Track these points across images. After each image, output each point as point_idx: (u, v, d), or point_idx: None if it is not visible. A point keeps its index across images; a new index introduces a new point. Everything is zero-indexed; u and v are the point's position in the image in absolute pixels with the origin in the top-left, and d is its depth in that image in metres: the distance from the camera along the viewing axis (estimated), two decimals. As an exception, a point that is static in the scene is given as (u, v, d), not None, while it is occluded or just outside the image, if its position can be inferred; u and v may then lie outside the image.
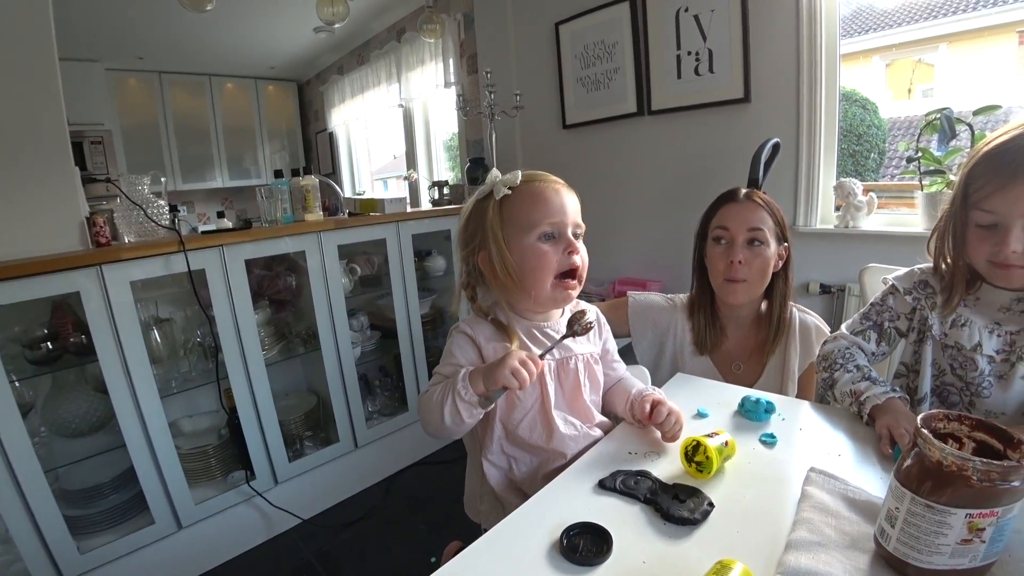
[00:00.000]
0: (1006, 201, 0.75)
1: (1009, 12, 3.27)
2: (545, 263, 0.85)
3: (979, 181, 0.79)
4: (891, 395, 0.85)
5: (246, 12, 3.61)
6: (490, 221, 0.85)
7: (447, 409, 0.79)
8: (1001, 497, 0.51)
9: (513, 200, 0.85)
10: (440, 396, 0.80)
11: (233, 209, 5.36)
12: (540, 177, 0.89)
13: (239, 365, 1.79)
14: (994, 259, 0.79)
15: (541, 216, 0.84)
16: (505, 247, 0.85)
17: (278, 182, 2.03)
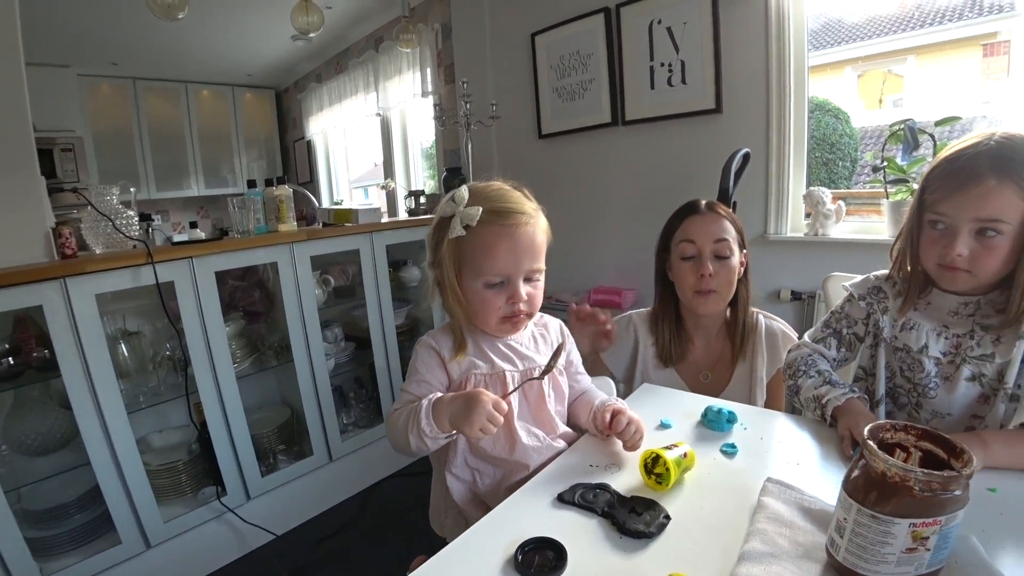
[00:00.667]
0: (955, 206, 0.79)
1: (973, 26, 3.41)
2: (489, 308, 0.86)
3: (933, 185, 0.82)
4: (850, 396, 0.87)
5: (222, 19, 3.59)
6: (443, 254, 0.85)
7: (412, 438, 0.79)
8: (944, 506, 0.52)
9: (468, 240, 0.83)
10: (404, 423, 0.81)
11: (209, 218, 5.29)
12: (500, 218, 0.83)
13: (209, 378, 1.76)
14: (942, 262, 0.82)
15: (489, 267, 0.83)
16: (456, 283, 0.85)
17: (251, 192, 2.01)
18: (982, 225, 0.78)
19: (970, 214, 0.78)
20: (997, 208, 0.76)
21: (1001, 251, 0.78)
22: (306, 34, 2.71)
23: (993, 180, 0.75)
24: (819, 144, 2.63)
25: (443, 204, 0.86)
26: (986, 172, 0.76)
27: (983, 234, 0.78)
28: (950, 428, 0.92)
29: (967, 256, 0.79)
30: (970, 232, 0.79)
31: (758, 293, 2.18)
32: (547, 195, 0.94)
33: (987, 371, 0.86)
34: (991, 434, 0.78)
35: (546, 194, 0.94)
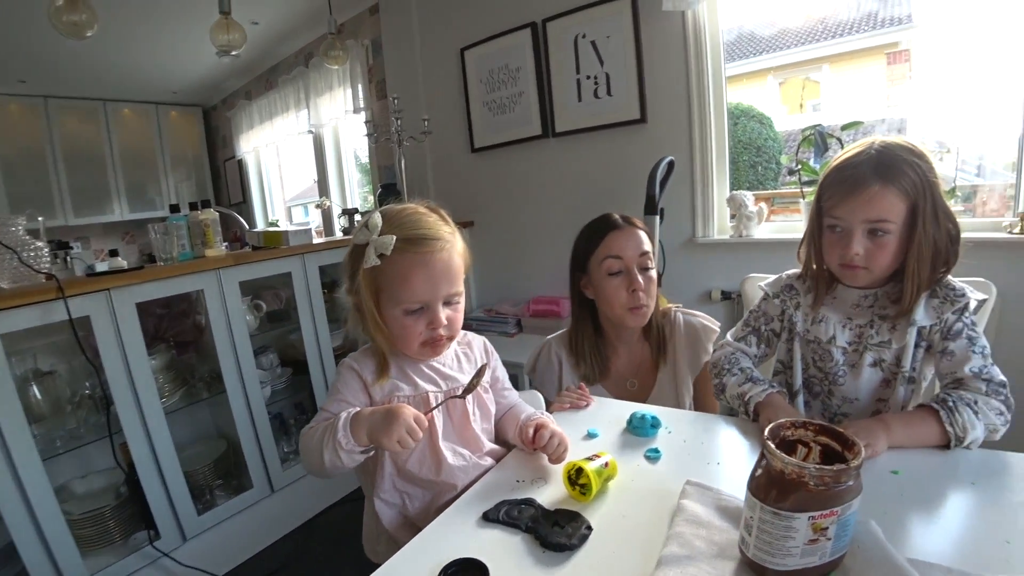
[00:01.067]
0: (848, 210, 0.87)
1: (877, 36, 3.70)
2: (409, 334, 0.86)
3: (828, 192, 0.91)
4: (770, 391, 0.93)
5: (142, 35, 3.42)
6: (359, 283, 0.84)
7: (327, 454, 0.78)
8: (838, 497, 0.55)
9: (383, 269, 0.83)
10: (320, 438, 0.79)
11: (135, 244, 5.01)
12: (416, 245, 0.83)
13: (135, 416, 1.67)
14: (842, 261, 0.90)
15: (407, 296, 0.84)
16: (376, 310, 0.85)
17: (174, 217, 1.93)
18: (872, 226, 0.86)
19: (861, 216, 0.86)
20: (883, 209, 0.85)
21: (890, 247, 0.87)
22: (228, 52, 2.62)
23: (877, 185, 0.84)
24: (746, 148, 2.77)
25: (357, 231, 0.86)
26: (871, 178, 0.84)
27: (874, 234, 0.87)
28: (859, 412, 1.00)
29: (863, 254, 0.88)
30: (863, 232, 0.87)
31: (690, 295, 2.27)
32: (483, 208, 0.96)
33: (886, 356, 0.94)
34: (892, 417, 0.85)
35: (481, 207, 0.96)
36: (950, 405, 0.81)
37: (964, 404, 0.81)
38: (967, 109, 2.32)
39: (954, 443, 0.79)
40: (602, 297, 1.22)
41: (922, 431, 0.81)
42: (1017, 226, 1.73)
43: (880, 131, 2.88)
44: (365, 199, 3.91)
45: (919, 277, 0.88)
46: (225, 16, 2.38)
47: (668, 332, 1.27)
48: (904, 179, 0.84)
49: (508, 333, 2.63)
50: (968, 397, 0.82)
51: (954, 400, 0.82)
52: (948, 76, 2.54)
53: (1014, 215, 1.76)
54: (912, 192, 0.84)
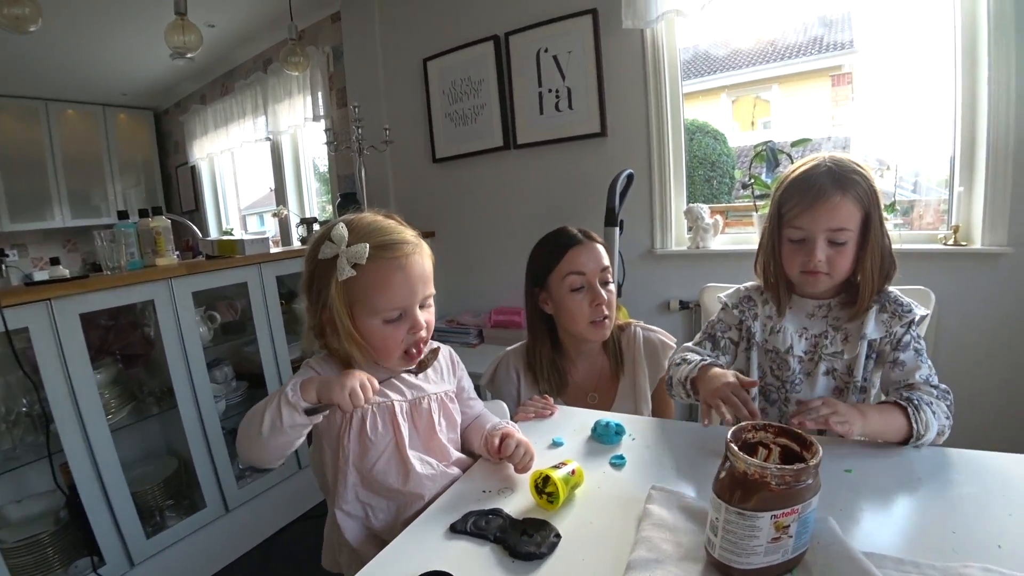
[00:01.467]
0: (812, 219, 0.92)
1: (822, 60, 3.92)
2: (391, 344, 0.84)
3: (789, 203, 0.95)
4: (703, 363, 0.96)
5: (91, 33, 3.26)
6: (333, 298, 0.81)
7: (268, 414, 0.74)
8: (799, 496, 0.58)
9: (358, 279, 0.80)
10: (264, 403, 0.77)
11: (78, 252, 4.76)
12: (388, 251, 0.82)
13: (77, 434, 1.57)
14: (804, 268, 0.95)
15: (387, 303, 0.82)
16: (351, 325, 0.82)
17: (123, 224, 1.85)
18: (832, 234, 0.92)
19: (823, 225, 0.92)
20: (843, 218, 0.91)
21: (850, 253, 0.93)
22: (184, 54, 2.55)
23: (837, 195, 0.90)
24: (701, 163, 2.86)
25: (320, 247, 0.82)
26: (832, 189, 0.90)
27: (835, 241, 0.92)
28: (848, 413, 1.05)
29: (825, 261, 0.93)
30: (824, 240, 0.93)
31: (649, 305, 2.32)
32: (444, 219, 0.96)
33: (838, 366, 1.00)
34: (867, 406, 0.89)
35: (443, 218, 0.96)
36: (915, 403, 0.85)
37: (925, 404, 0.85)
38: (905, 128, 2.47)
39: (914, 439, 0.83)
40: (565, 312, 1.21)
41: (892, 423, 0.85)
42: (951, 238, 1.85)
43: (826, 148, 3.04)
44: (324, 208, 3.84)
45: (872, 282, 0.94)
46: (181, 17, 2.31)
47: (626, 345, 1.28)
48: (858, 188, 0.90)
49: (470, 343, 2.63)
50: (926, 398, 0.87)
51: (917, 399, 0.86)
52: (887, 97, 2.70)
53: (948, 228, 1.88)
54: (865, 201, 0.91)
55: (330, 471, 0.90)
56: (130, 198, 4.86)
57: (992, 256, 1.76)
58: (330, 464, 0.90)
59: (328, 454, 0.90)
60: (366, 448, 0.87)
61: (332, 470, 0.89)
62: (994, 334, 1.80)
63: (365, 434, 0.86)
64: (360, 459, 0.87)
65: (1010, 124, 1.69)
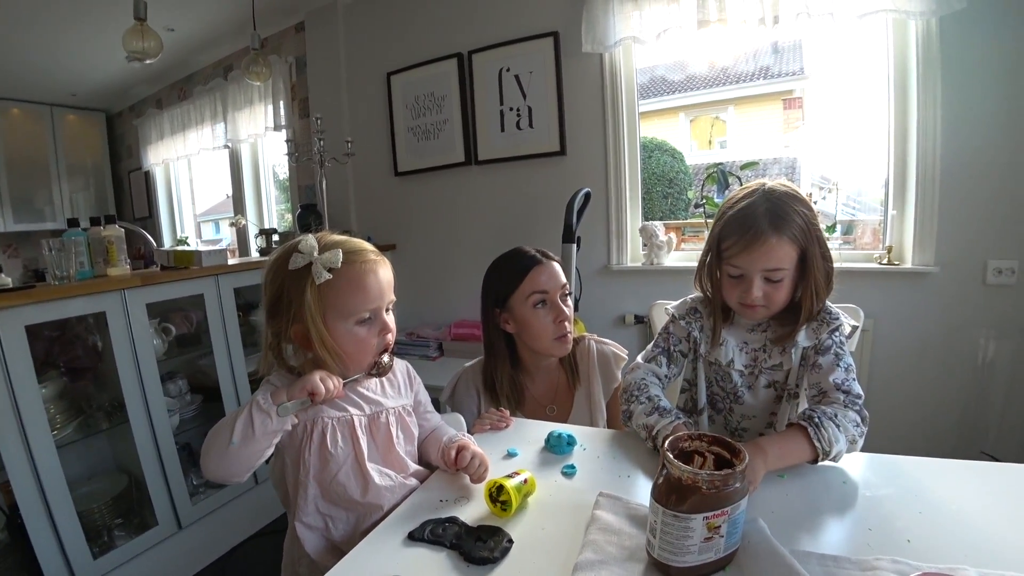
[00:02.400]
0: (749, 260, 0.95)
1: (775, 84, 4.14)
2: (364, 347, 0.88)
3: (727, 242, 0.98)
4: (676, 422, 0.97)
5: (41, 31, 3.13)
6: (308, 304, 0.83)
7: (240, 423, 0.76)
8: (728, 498, 0.63)
9: (332, 284, 0.83)
10: (232, 416, 0.79)
11: (19, 258, 4.53)
12: (358, 256, 0.87)
13: (19, 452, 1.50)
14: (742, 301, 0.99)
15: (361, 304, 0.86)
16: (326, 330, 0.85)
17: (72, 232, 1.80)
18: (769, 274, 0.96)
19: (759, 266, 0.95)
20: (778, 259, 0.94)
21: (786, 287, 0.97)
22: (142, 60, 2.49)
23: (773, 238, 0.93)
24: (659, 180, 2.97)
25: (290, 259, 0.85)
26: (767, 231, 0.93)
27: (771, 279, 0.96)
28: (755, 425, 1.11)
29: (762, 296, 0.97)
30: (761, 278, 0.96)
31: (605, 319, 2.39)
32: (405, 232, 0.99)
33: (779, 377, 1.06)
34: (767, 442, 0.87)
35: (404, 231, 0.99)
36: (816, 421, 0.87)
37: (827, 419, 0.87)
38: (848, 151, 2.63)
39: (821, 457, 0.86)
40: (529, 331, 1.24)
41: (794, 450, 0.86)
42: (885, 257, 1.98)
43: (775, 170, 3.20)
44: (283, 217, 3.79)
45: (811, 305, 0.99)
46: (140, 23, 2.26)
47: (581, 358, 1.33)
48: (794, 227, 0.94)
49: (430, 356, 2.64)
50: (829, 412, 0.89)
51: (819, 416, 0.88)
52: (834, 121, 2.87)
53: (883, 248, 2.01)
54: (802, 239, 0.94)
55: (291, 484, 0.91)
56: (78, 202, 4.66)
57: (921, 275, 1.90)
58: (291, 477, 0.91)
59: (289, 467, 0.92)
60: (326, 461, 0.88)
61: (292, 483, 0.90)
62: (922, 348, 1.94)
63: (326, 447, 0.88)
64: (320, 472, 0.89)
65: (936, 153, 1.83)
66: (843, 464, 0.89)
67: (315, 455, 0.88)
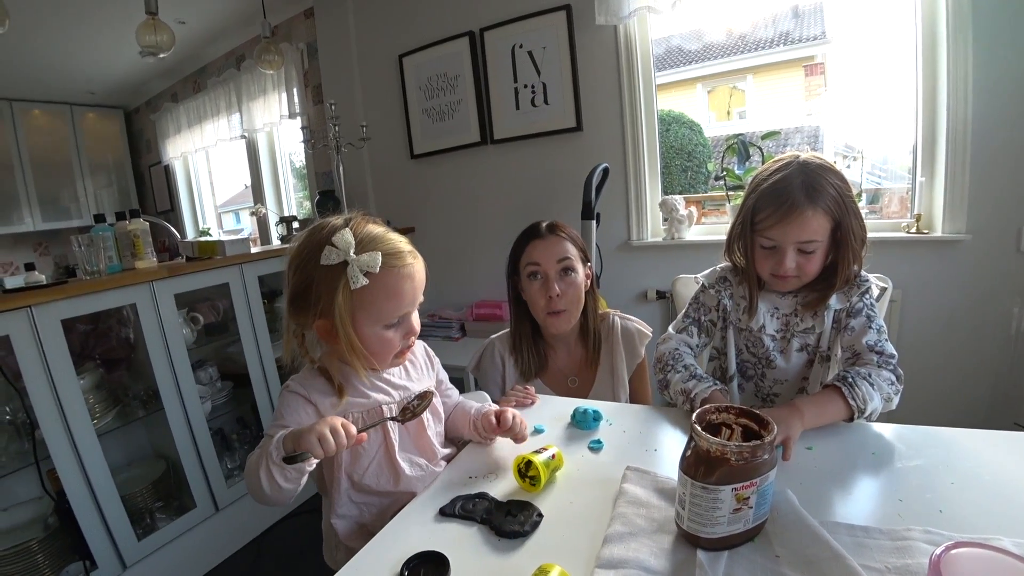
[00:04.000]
0: (783, 232, 0.96)
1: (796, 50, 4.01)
2: (389, 348, 0.86)
3: (762, 214, 0.98)
4: (713, 387, 1.01)
5: (55, 31, 3.17)
6: (339, 305, 0.79)
7: (262, 474, 0.75)
8: (756, 470, 0.63)
9: (367, 289, 0.79)
10: (256, 459, 0.77)
11: (50, 256, 4.66)
12: (397, 260, 0.82)
13: (64, 441, 1.57)
14: (775, 272, 1.00)
15: (393, 311, 0.83)
16: (354, 331, 0.82)
17: (99, 227, 1.84)
18: (802, 245, 0.96)
19: (793, 238, 0.96)
20: (812, 231, 0.95)
21: (818, 258, 0.98)
22: (156, 54, 2.51)
23: (809, 210, 0.93)
24: (678, 153, 2.91)
25: (322, 252, 0.79)
26: (803, 202, 0.93)
27: (804, 250, 0.97)
28: (787, 390, 1.13)
29: (794, 267, 0.98)
30: (794, 250, 0.97)
31: (627, 295, 2.38)
32: (423, 214, 0.98)
33: (810, 341, 1.07)
34: (803, 402, 0.91)
35: (422, 213, 0.98)
36: (850, 381, 0.91)
37: (861, 378, 0.91)
38: (873, 117, 2.55)
39: (856, 415, 0.90)
40: (529, 301, 1.29)
41: (830, 409, 0.90)
42: (913, 226, 1.93)
43: (797, 140, 3.11)
44: (301, 204, 3.83)
45: (847, 275, 1.00)
46: (152, 17, 2.28)
47: (605, 334, 1.33)
48: (828, 199, 0.94)
49: (452, 337, 2.66)
50: (863, 372, 0.93)
51: (852, 376, 0.92)
52: (858, 86, 2.77)
53: (911, 216, 1.96)
54: (836, 210, 0.94)
55: (326, 475, 0.93)
56: (102, 199, 4.76)
57: (951, 243, 1.85)
58: (325, 469, 0.93)
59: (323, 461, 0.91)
60: (357, 455, 0.90)
61: (328, 476, 0.92)
62: (952, 318, 1.89)
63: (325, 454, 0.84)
64: (351, 465, 0.90)
65: (968, 117, 1.76)
66: (872, 434, 0.88)
67: (345, 450, 0.84)
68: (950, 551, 0.50)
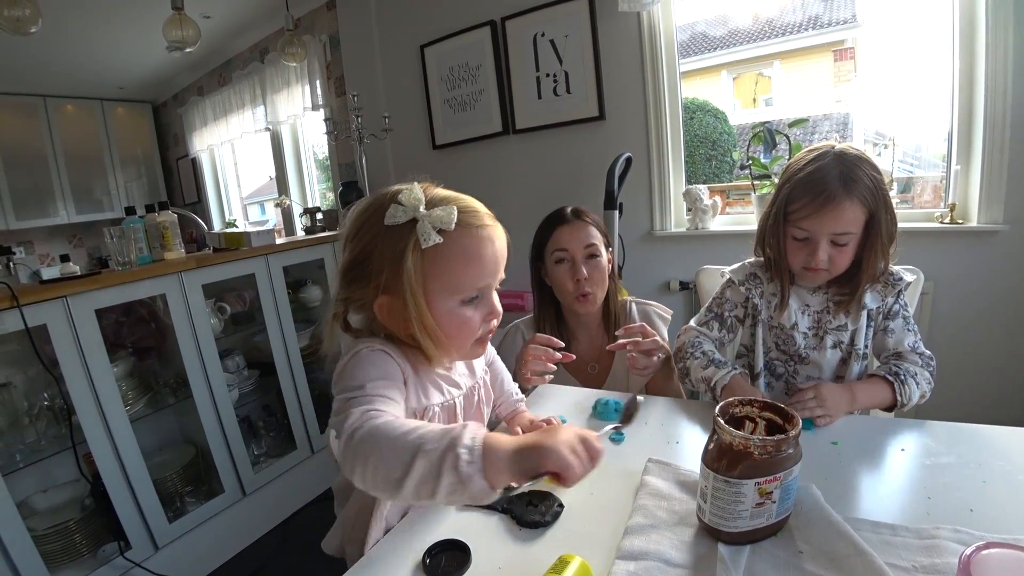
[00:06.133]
0: (819, 223, 0.94)
1: (825, 35, 3.89)
2: (468, 331, 0.73)
3: (795, 204, 0.97)
4: (734, 373, 1.01)
5: (86, 29, 3.26)
6: (408, 272, 0.66)
7: (418, 472, 0.52)
8: (780, 464, 0.62)
9: (441, 251, 0.67)
10: (413, 446, 0.53)
11: (84, 247, 4.81)
12: (475, 218, 0.71)
13: (99, 426, 1.63)
14: (806, 265, 0.98)
15: (473, 279, 0.70)
16: (427, 307, 0.69)
17: (130, 220, 1.89)
18: (836, 237, 0.94)
19: (828, 229, 0.94)
20: (847, 222, 0.93)
21: (850, 252, 0.96)
22: (182, 48, 2.56)
23: (846, 201, 0.91)
24: (702, 142, 2.87)
25: (384, 211, 0.69)
26: (839, 193, 0.91)
27: (837, 242, 0.95)
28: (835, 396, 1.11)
29: (826, 259, 0.96)
30: (827, 242, 0.95)
31: (650, 286, 2.35)
32: (443, 206, 0.95)
33: (844, 338, 1.05)
34: (855, 385, 0.98)
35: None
36: (901, 377, 0.96)
37: (910, 376, 0.96)
38: (905, 103, 2.47)
39: (899, 407, 0.95)
40: (555, 285, 1.31)
41: (879, 396, 0.96)
42: (947, 216, 1.87)
43: (825, 126, 3.03)
44: (324, 196, 3.87)
45: (872, 271, 0.98)
46: (178, 12, 2.32)
47: (623, 320, 1.34)
48: (864, 190, 0.92)
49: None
50: (911, 370, 0.97)
51: (903, 373, 0.97)
52: (889, 71, 2.69)
53: (944, 206, 1.89)
54: (871, 202, 0.92)
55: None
56: (132, 192, 4.88)
57: (988, 234, 1.78)
58: None
59: None
60: None
61: None
62: (989, 312, 1.83)
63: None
64: None
65: (1007, 102, 1.69)
66: (901, 430, 0.87)
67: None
68: (981, 551, 0.49)
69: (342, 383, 0.67)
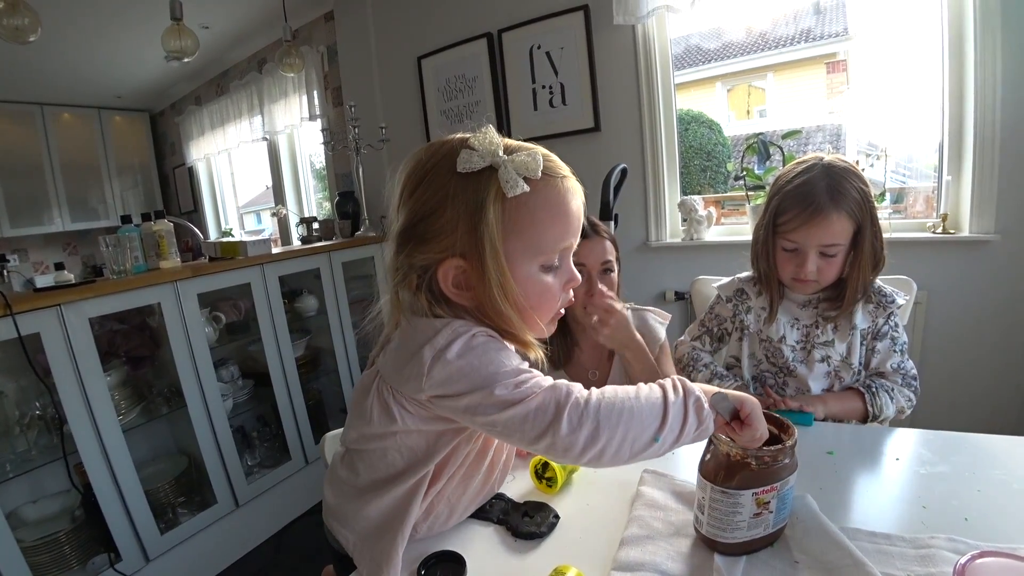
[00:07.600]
0: (807, 234, 0.96)
1: (817, 48, 3.94)
2: (549, 301, 0.64)
3: (784, 216, 0.99)
4: (736, 384, 1.07)
5: (83, 37, 3.27)
6: (489, 226, 0.57)
7: (672, 423, 0.57)
8: (777, 474, 0.63)
9: (524, 204, 0.58)
10: (657, 400, 0.58)
11: (78, 255, 4.79)
12: (559, 169, 0.61)
13: (90, 435, 1.62)
14: (795, 276, 1.01)
15: (558, 238, 0.61)
16: (508, 271, 0.59)
17: (126, 228, 1.88)
18: (825, 249, 0.97)
19: (816, 241, 0.96)
20: (835, 234, 0.95)
21: (839, 263, 0.99)
22: (181, 58, 2.57)
23: (833, 213, 0.93)
24: (697, 153, 2.88)
25: (455, 157, 0.58)
26: (827, 206, 0.93)
27: (826, 253, 0.97)
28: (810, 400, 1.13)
29: (815, 270, 0.98)
30: (816, 253, 0.97)
31: (646, 296, 2.36)
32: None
33: (832, 354, 1.06)
34: (828, 395, 1.04)
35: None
36: (873, 390, 1.01)
37: (884, 391, 1.01)
38: (897, 114, 2.50)
39: (871, 419, 1.00)
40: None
41: (849, 405, 1.01)
42: (939, 226, 1.88)
43: (818, 138, 3.06)
44: (321, 205, 3.87)
45: (860, 283, 1.00)
46: (177, 23, 2.33)
47: None
48: (852, 202, 0.94)
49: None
50: (887, 385, 1.02)
51: (876, 386, 1.02)
52: (881, 83, 2.72)
53: (936, 216, 1.91)
54: (858, 214, 0.94)
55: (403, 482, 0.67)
56: (128, 200, 4.87)
57: (979, 243, 1.80)
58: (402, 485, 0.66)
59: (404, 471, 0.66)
60: (470, 474, 0.70)
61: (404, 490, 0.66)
62: (981, 320, 1.84)
63: (484, 453, 0.71)
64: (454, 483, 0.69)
65: (996, 113, 1.72)
66: (896, 439, 0.87)
67: (465, 462, 0.68)
68: (975, 560, 0.49)
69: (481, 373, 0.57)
